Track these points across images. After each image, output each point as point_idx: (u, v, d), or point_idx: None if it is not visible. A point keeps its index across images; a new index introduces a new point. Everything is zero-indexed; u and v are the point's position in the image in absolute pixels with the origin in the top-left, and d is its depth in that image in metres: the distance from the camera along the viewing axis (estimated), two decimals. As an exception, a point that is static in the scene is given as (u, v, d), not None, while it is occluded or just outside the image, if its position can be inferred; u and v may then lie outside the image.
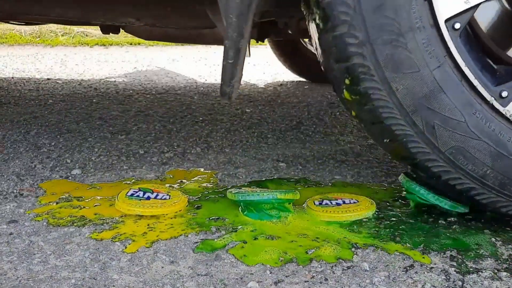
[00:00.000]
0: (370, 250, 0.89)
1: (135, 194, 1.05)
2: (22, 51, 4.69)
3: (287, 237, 0.93)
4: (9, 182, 1.20)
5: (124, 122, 1.83)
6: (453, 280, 0.80)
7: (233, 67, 0.92)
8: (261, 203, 1.00)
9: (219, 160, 1.40)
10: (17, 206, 1.06)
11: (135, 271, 0.81)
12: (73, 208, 1.05)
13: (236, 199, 1.02)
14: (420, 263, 0.85)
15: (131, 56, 4.39)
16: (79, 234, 0.94)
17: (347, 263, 0.85)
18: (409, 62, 0.87)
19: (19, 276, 0.79)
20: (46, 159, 1.38)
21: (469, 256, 0.88)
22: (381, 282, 0.79)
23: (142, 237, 0.93)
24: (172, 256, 0.86)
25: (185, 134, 1.68)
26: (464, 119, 0.90)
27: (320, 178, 1.27)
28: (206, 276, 0.80)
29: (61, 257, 0.85)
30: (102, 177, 1.25)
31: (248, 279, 0.79)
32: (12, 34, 5.44)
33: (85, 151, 1.46)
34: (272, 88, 2.72)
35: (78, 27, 5.64)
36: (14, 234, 0.94)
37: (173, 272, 0.81)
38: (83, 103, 2.19)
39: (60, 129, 1.71)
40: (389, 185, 1.22)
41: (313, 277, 0.80)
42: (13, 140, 1.56)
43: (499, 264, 0.86)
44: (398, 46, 0.87)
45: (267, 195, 0.99)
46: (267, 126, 1.83)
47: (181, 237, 0.93)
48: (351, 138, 1.68)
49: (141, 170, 1.31)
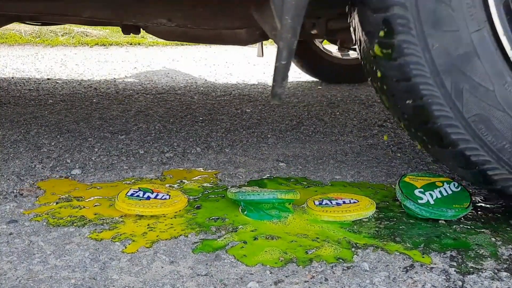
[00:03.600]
0: (370, 250, 0.89)
1: (135, 194, 1.05)
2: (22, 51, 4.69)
3: (287, 237, 0.93)
4: (9, 182, 1.20)
5: (124, 122, 1.83)
6: (453, 280, 0.80)
7: (286, 68, 0.92)
8: (261, 203, 1.00)
9: (219, 160, 1.40)
10: (17, 206, 1.06)
11: (135, 271, 0.81)
12: (73, 208, 1.05)
13: (236, 198, 1.02)
14: (420, 263, 0.85)
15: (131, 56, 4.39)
16: (79, 234, 0.94)
17: (347, 263, 0.85)
18: (449, 20, 0.86)
19: (18, 276, 0.79)
20: (46, 159, 1.38)
21: (469, 256, 0.88)
22: (381, 282, 0.79)
23: (142, 237, 0.92)
24: (172, 256, 0.86)
25: (185, 134, 1.68)
26: (494, 88, 0.88)
27: (320, 178, 1.27)
28: (206, 276, 0.80)
29: (61, 257, 0.85)
30: (102, 177, 1.25)
31: (248, 279, 0.79)
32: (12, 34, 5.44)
33: (85, 151, 1.46)
34: (272, 88, 2.71)
35: (78, 27, 5.64)
36: (14, 234, 0.94)
37: (173, 272, 0.81)
38: (83, 103, 2.19)
39: (60, 129, 1.71)
40: (389, 185, 1.22)
41: (313, 277, 0.80)
42: (13, 140, 1.56)
43: (500, 264, 0.85)
44: (442, 2, 0.86)
45: (267, 195, 0.99)
46: (267, 126, 1.83)
47: (181, 237, 0.93)
48: (351, 138, 1.68)
49: (141, 170, 1.31)
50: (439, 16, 0.86)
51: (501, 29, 0.88)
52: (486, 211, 1.06)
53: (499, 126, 0.89)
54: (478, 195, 1.14)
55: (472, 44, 0.87)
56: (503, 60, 0.88)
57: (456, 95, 0.89)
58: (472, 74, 0.88)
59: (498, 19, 0.87)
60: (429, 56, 0.87)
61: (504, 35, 0.88)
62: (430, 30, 0.87)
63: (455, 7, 0.86)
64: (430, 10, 0.86)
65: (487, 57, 0.88)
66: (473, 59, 0.88)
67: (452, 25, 0.86)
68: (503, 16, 0.88)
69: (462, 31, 0.87)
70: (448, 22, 0.87)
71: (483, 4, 0.87)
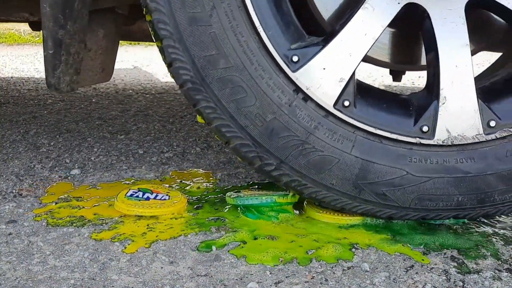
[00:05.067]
0: (370, 250, 0.89)
1: (135, 194, 1.05)
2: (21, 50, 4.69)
3: (287, 237, 0.93)
4: (8, 182, 1.19)
5: (124, 122, 1.83)
6: (453, 280, 0.80)
7: (54, 57, 0.92)
8: (261, 206, 1.00)
9: (219, 160, 1.40)
10: (16, 206, 1.06)
11: (135, 272, 0.81)
12: (72, 208, 1.04)
13: (235, 203, 1.02)
14: (421, 263, 0.85)
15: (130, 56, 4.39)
16: (78, 234, 0.93)
17: (347, 264, 0.84)
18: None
19: (18, 276, 0.79)
20: (45, 159, 1.38)
21: (469, 257, 0.88)
22: (382, 282, 0.79)
23: (141, 237, 0.92)
24: (172, 257, 0.86)
25: (184, 134, 1.68)
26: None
27: (320, 178, 1.27)
28: (205, 276, 0.80)
29: (60, 258, 0.85)
30: (102, 177, 1.25)
31: (248, 279, 0.79)
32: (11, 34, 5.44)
33: (84, 151, 1.46)
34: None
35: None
36: (13, 234, 0.93)
37: (173, 273, 0.81)
38: (83, 103, 2.19)
39: (59, 129, 1.71)
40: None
41: (313, 278, 0.80)
42: (12, 140, 1.56)
43: (500, 264, 0.85)
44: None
45: (265, 199, 0.99)
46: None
47: (180, 238, 0.92)
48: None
49: (141, 170, 1.31)
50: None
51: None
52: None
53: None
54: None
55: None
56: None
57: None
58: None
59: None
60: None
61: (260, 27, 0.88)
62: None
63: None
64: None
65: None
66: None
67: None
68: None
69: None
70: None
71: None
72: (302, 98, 0.91)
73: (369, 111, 0.94)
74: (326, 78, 0.90)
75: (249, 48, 0.88)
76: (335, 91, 0.91)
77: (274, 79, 0.89)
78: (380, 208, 0.95)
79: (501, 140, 0.93)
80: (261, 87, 0.90)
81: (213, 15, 0.87)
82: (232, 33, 0.88)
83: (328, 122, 0.92)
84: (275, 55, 0.89)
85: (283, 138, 0.91)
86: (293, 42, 0.91)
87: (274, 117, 0.90)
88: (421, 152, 0.93)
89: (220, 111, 0.90)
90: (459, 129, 0.92)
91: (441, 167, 0.93)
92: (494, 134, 0.93)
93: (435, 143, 0.92)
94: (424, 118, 0.93)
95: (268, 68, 0.89)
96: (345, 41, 0.90)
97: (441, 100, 0.92)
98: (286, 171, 0.93)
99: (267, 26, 0.89)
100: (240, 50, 0.88)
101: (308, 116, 0.91)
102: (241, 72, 0.89)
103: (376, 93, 1.01)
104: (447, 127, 0.92)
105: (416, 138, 0.93)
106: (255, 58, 0.89)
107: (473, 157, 0.93)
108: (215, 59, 0.88)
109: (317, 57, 0.90)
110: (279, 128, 0.91)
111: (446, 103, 0.92)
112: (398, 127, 0.93)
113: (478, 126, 0.92)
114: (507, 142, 0.93)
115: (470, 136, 0.92)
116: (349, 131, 0.92)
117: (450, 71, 0.91)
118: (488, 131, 0.93)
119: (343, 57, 0.91)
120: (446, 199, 0.94)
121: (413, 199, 0.94)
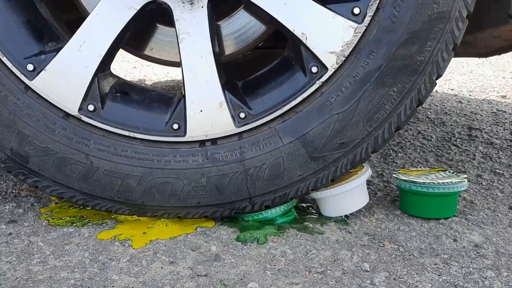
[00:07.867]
0: (370, 250, 0.89)
1: (135, 194, 1.05)
2: (22, 50, 4.67)
3: (287, 236, 0.93)
4: (8, 182, 1.20)
5: (124, 122, 1.83)
6: (454, 280, 0.80)
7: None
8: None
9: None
10: (16, 206, 1.06)
11: (135, 272, 0.81)
12: (73, 208, 1.04)
13: None
14: (420, 263, 0.85)
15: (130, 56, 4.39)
16: (78, 234, 0.93)
17: (347, 263, 0.84)
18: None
19: (18, 276, 0.79)
20: (45, 159, 1.38)
21: (469, 256, 0.88)
22: (382, 282, 0.79)
23: (141, 237, 0.92)
24: (172, 257, 0.86)
25: (185, 134, 1.68)
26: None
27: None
28: (205, 276, 0.80)
29: (60, 258, 0.85)
30: (102, 177, 1.25)
31: (248, 279, 0.79)
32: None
33: (85, 151, 1.46)
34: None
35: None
36: (13, 234, 0.93)
37: (173, 273, 0.81)
38: (83, 103, 2.18)
39: (60, 129, 1.71)
40: (388, 185, 1.22)
41: (313, 278, 0.80)
42: (13, 140, 1.56)
43: (500, 264, 0.85)
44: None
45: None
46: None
47: (180, 237, 0.93)
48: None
49: (141, 170, 1.31)
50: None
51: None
52: (483, 211, 1.06)
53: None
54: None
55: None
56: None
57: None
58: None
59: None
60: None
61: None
62: None
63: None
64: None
65: None
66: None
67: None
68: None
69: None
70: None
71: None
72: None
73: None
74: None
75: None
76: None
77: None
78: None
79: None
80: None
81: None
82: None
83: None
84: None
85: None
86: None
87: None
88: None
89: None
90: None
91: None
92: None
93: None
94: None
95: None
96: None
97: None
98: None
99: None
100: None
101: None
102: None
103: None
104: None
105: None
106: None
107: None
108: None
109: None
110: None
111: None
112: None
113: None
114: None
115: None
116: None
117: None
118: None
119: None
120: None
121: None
